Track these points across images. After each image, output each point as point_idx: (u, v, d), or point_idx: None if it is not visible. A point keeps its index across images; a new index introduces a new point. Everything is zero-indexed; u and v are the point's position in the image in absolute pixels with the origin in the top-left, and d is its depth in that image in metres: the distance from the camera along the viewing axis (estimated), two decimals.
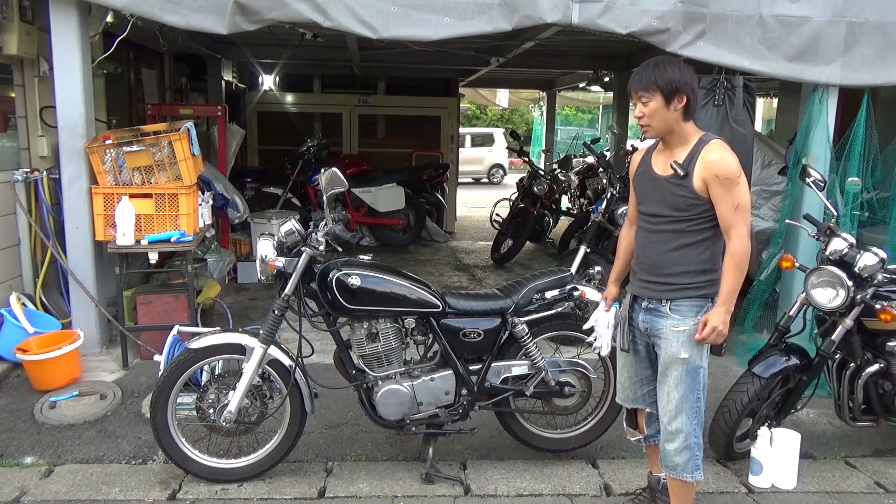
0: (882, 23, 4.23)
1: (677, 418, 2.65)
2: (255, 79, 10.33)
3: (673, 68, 2.53)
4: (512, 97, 20.30)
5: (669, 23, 4.15)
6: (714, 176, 2.50)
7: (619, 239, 3.03)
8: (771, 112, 15.60)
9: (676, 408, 2.65)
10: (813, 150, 4.41)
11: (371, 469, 3.38)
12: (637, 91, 2.57)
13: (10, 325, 4.22)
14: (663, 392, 2.69)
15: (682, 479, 2.70)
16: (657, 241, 2.66)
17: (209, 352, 3.12)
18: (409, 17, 4.09)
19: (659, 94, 2.51)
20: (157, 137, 4.41)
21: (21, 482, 3.18)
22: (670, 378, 2.65)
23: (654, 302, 2.68)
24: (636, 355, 2.84)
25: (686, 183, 2.54)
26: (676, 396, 2.64)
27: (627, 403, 2.94)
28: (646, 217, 2.71)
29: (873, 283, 3.23)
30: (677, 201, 2.58)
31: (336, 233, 3.01)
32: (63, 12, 4.16)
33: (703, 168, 2.52)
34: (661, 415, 2.72)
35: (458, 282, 7.20)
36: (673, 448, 2.68)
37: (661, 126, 2.58)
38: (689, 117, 2.59)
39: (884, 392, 3.45)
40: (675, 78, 2.51)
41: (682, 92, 2.52)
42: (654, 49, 4.38)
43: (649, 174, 2.69)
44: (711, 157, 2.52)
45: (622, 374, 2.92)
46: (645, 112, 2.56)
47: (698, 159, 2.54)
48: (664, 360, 2.67)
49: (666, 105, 2.53)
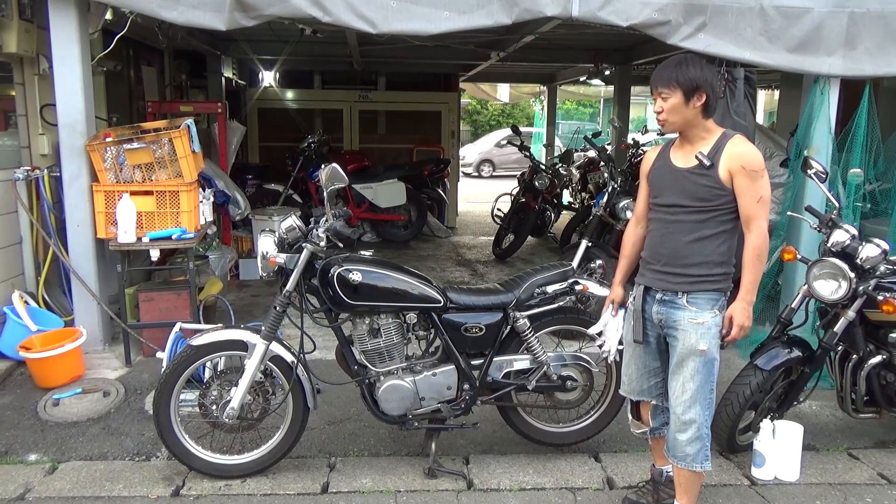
0: (883, 13, 4.21)
1: (691, 409, 2.67)
2: (255, 75, 10.33)
3: (695, 67, 2.59)
4: (512, 91, 20.29)
5: (670, 15, 4.14)
6: (741, 167, 2.55)
7: (623, 238, 3.01)
8: (772, 104, 15.57)
9: (691, 398, 2.67)
10: (815, 141, 4.40)
11: (374, 464, 3.38)
12: (658, 87, 2.63)
13: (13, 322, 4.23)
14: (678, 383, 2.70)
15: (692, 470, 2.72)
16: (677, 232, 2.67)
17: (211, 348, 3.13)
18: (408, 11, 4.08)
19: (679, 90, 2.57)
20: (158, 135, 4.40)
21: (25, 479, 3.19)
22: (686, 369, 2.66)
23: (670, 294, 2.69)
24: (646, 347, 2.84)
25: (711, 173, 2.59)
26: (692, 387, 2.66)
27: (633, 395, 2.94)
28: (663, 208, 2.73)
29: (875, 274, 3.22)
30: (701, 191, 2.61)
31: (337, 229, 3.01)
32: (62, 10, 4.16)
33: (729, 159, 2.57)
34: (673, 405, 2.73)
35: (460, 277, 7.20)
36: (685, 438, 2.70)
37: (678, 121, 2.64)
38: (709, 115, 2.64)
39: (886, 383, 3.44)
40: (696, 76, 2.57)
41: (702, 90, 2.57)
42: (655, 42, 4.37)
43: (668, 168, 2.72)
44: (739, 149, 2.58)
45: (629, 367, 2.92)
46: (664, 108, 2.62)
47: (724, 151, 2.59)
48: (680, 352, 2.68)
49: (685, 102, 2.58)
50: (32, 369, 4.08)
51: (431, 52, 7.55)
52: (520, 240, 7.91)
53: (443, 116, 10.37)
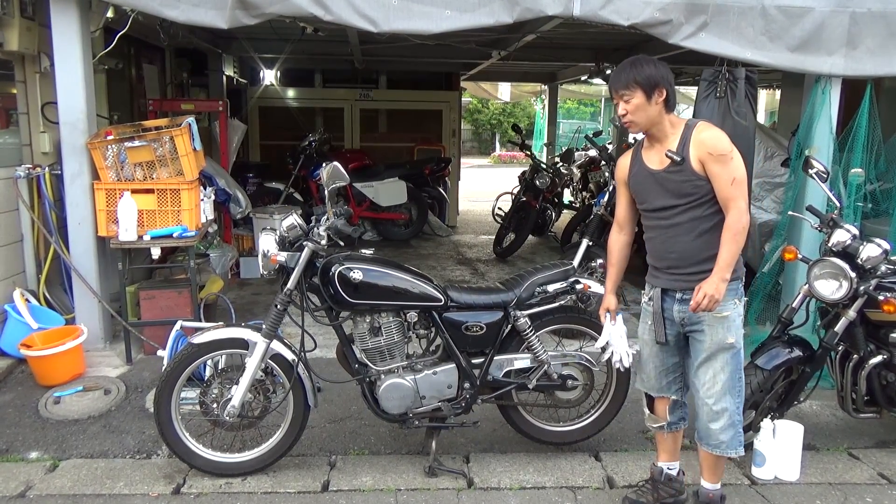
0: (885, 12, 4.21)
1: (723, 399, 2.75)
2: (257, 74, 10.32)
3: (649, 65, 2.66)
4: (514, 90, 20.25)
5: (671, 14, 4.13)
6: (708, 154, 2.59)
7: (609, 246, 3.03)
8: (773, 103, 15.55)
9: (722, 389, 2.74)
10: (816, 141, 4.39)
11: (374, 462, 3.39)
12: (618, 90, 2.68)
13: (14, 320, 4.24)
14: (707, 376, 2.75)
15: (727, 456, 2.82)
16: (678, 234, 2.70)
17: (212, 347, 3.13)
18: (409, 10, 4.08)
19: (639, 89, 2.63)
20: (159, 133, 4.41)
21: (26, 477, 3.19)
22: (717, 362, 2.73)
23: (690, 293, 2.70)
24: (664, 345, 2.87)
25: (685, 167, 2.63)
26: (724, 378, 2.73)
27: (653, 392, 2.97)
28: (654, 213, 2.76)
29: (876, 274, 3.22)
30: (682, 188, 2.65)
31: (338, 227, 3.02)
32: (63, 8, 4.16)
33: (696, 148, 2.62)
34: (703, 397, 2.78)
35: (461, 276, 7.20)
36: (718, 427, 2.78)
37: (644, 121, 2.68)
38: (671, 109, 2.69)
39: (887, 383, 3.44)
40: (653, 73, 2.64)
41: (661, 86, 2.63)
42: (656, 41, 4.36)
43: (645, 172, 2.76)
44: (703, 136, 2.62)
45: (647, 365, 2.95)
46: (628, 109, 2.67)
47: (690, 141, 2.63)
48: (709, 346, 2.73)
49: (647, 100, 2.64)
50: (33, 367, 4.09)
51: (432, 51, 7.54)
52: (520, 239, 7.92)
53: (444, 115, 10.37)
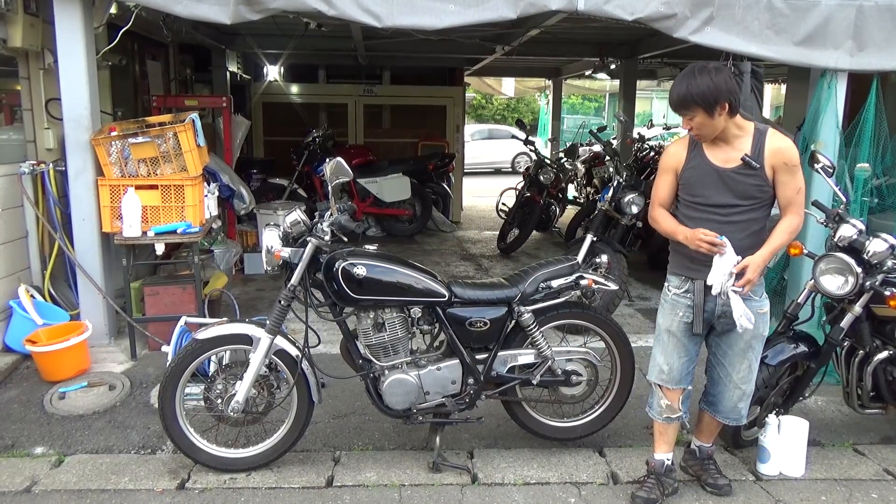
0: (892, 6, 4.18)
1: (751, 381, 2.98)
2: (260, 70, 10.32)
3: (704, 77, 2.57)
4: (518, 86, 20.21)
5: (676, 8, 4.11)
6: (783, 163, 2.68)
7: (656, 217, 2.91)
8: (779, 98, 15.48)
9: (752, 373, 2.96)
10: (822, 136, 4.37)
11: (378, 458, 3.39)
12: (678, 111, 2.68)
13: (20, 316, 4.25)
14: (744, 365, 2.93)
15: (738, 424, 3.10)
16: (732, 231, 2.73)
17: (216, 342, 3.13)
18: (413, 5, 4.07)
19: (699, 108, 2.61)
20: (163, 129, 4.41)
21: (32, 472, 3.20)
22: (753, 352, 2.92)
23: None
24: (694, 337, 2.92)
25: (759, 173, 2.69)
26: (755, 365, 2.96)
27: (672, 384, 2.97)
28: (711, 208, 2.77)
29: (882, 269, 3.20)
30: (750, 190, 2.72)
31: (341, 223, 3.01)
32: (67, 4, 4.15)
33: (771, 156, 2.69)
34: (737, 382, 2.95)
35: (465, 271, 7.20)
36: (743, 405, 3.01)
37: (711, 132, 2.72)
38: (735, 114, 2.68)
39: (893, 379, 3.42)
40: (710, 89, 2.57)
41: (721, 101, 2.59)
42: (661, 36, 4.34)
43: (707, 167, 2.76)
44: (780, 146, 2.70)
45: (671, 356, 2.94)
46: (693, 125, 2.68)
47: (765, 149, 2.68)
48: (746, 339, 2.87)
49: (710, 116, 2.63)
50: (38, 363, 4.10)
51: (436, 47, 7.53)
52: (524, 234, 7.90)
53: (448, 111, 10.35)
